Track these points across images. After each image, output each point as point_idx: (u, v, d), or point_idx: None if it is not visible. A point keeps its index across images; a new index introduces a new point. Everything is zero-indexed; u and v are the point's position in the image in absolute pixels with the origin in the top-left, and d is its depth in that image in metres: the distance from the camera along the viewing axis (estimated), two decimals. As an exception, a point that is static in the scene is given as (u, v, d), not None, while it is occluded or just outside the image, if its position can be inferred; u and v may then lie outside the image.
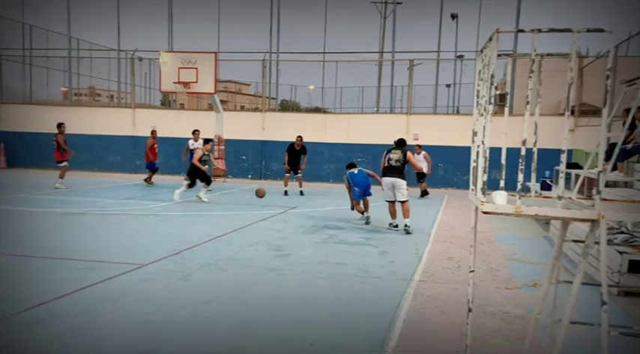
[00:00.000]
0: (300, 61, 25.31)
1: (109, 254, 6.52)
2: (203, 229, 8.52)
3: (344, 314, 4.68)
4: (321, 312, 4.72)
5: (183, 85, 15.99)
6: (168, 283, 5.41)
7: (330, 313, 4.68)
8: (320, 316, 4.61)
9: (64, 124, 14.33)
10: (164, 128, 19.75)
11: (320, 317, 4.59)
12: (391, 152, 9.34)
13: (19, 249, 6.65)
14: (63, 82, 25.53)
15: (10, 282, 5.35)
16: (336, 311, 4.75)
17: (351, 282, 5.75)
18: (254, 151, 19.42)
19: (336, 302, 5.02)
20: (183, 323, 4.29)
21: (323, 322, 4.46)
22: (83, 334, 4.00)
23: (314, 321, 4.49)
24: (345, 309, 4.83)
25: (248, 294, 5.19)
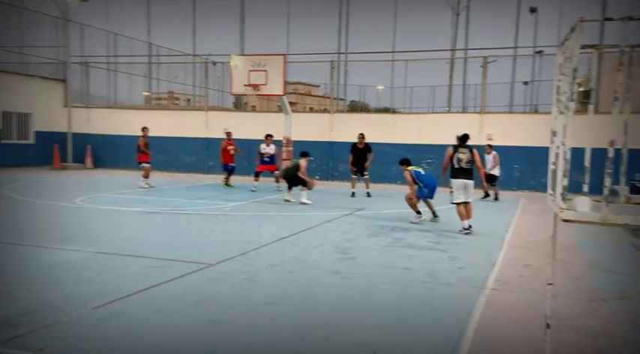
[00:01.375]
0: (368, 61, 25.10)
1: (180, 253, 6.72)
2: (270, 230, 8.60)
3: (410, 321, 4.51)
4: (386, 318, 4.57)
5: (253, 88, 16.31)
6: (235, 283, 5.47)
7: (395, 320, 4.52)
8: (385, 323, 4.46)
9: (147, 128, 15.02)
10: (235, 130, 20.29)
11: (385, 323, 4.44)
12: (459, 152, 8.98)
13: (99, 246, 7.00)
14: (144, 86, 26.98)
15: (90, 278, 5.63)
16: (401, 318, 4.58)
17: (418, 288, 5.55)
18: (321, 152, 19.47)
19: (402, 309, 4.85)
20: (248, 324, 4.30)
21: (388, 329, 4.31)
22: (152, 331, 4.10)
23: (378, 327, 4.35)
24: (411, 316, 4.65)
25: (312, 297, 5.14)
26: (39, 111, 21.86)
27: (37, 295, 4.86)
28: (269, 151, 14.83)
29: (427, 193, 9.83)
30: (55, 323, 4.11)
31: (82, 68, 23.26)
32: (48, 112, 22.20)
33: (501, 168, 14.89)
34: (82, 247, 6.87)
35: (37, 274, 5.68)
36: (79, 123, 22.28)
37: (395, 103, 29.21)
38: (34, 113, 21.70)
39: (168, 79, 28.82)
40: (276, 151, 14.96)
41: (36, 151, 21.62)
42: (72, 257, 6.43)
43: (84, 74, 23.27)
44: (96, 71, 24.24)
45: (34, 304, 4.51)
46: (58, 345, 3.70)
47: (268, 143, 14.81)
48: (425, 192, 9.82)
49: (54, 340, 3.80)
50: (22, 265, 6.01)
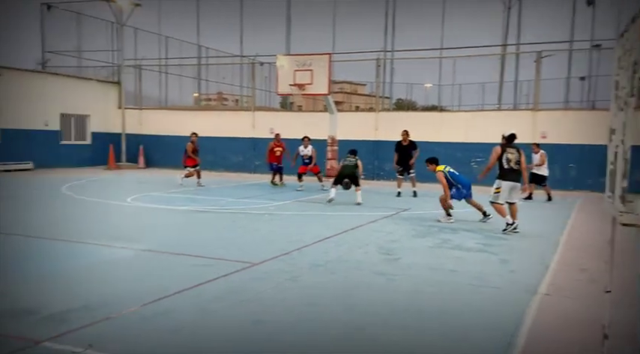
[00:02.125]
0: (415, 59, 24.69)
1: (225, 252, 6.80)
2: (314, 230, 8.58)
3: (456, 326, 4.36)
4: (432, 322, 4.44)
5: (298, 87, 16.38)
6: (278, 283, 5.47)
7: (441, 324, 4.39)
8: (430, 326, 4.34)
9: (196, 134, 15.28)
10: (281, 130, 20.44)
11: (430, 327, 4.31)
12: (508, 152, 8.68)
13: (147, 244, 7.19)
14: (193, 88, 27.65)
15: (138, 276, 5.78)
16: (447, 322, 4.44)
17: (466, 291, 5.37)
18: (367, 152, 19.29)
19: (448, 312, 4.70)
20: (290, 325, 4.28)
21: (433, 333, 4.18)
22: (198, 330, 4.14)
23: (423, 331, 4.23)
24: (457, 320, 4.49)
25: (356, 298, 5.06)
26: (95, 113, 22.81)
27: (87, 291, 5.02)
28: (307, 153, 14.87)
29: (465, 193, 9.64)
30: (104, 319, 4.23)
31: (136, 71, 24.08)
32: (103, 114, 23.13)
33: (556, 167, 14.29)
34: (132, 244, 7.07)
35: (88, 271, 5.88)
36: (132, 124, 23.08)
37: (443, 101, 28.62)
38: (90, 115, 22.66)
39: (217, 80, 29.44)
40: (313, 152, 14.93)
41: (92, 151, 22.57)
42: (122, 255, 6.63)
43: (137, 76, 24.10)
44: (148, 73, 25.04)
45: (85, 301, 4.66)
46: (106, 341, 3.80)
47: (306, 145, 14.87)
48: (464, 192, 9.64)
49: (103, 336, 3.90)
50: (75, 262, 6.24)
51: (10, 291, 4.98)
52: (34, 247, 6.91)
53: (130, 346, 3.72)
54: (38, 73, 21.93)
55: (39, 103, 20.24)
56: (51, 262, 6.14)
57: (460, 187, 9.62)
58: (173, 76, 26.58)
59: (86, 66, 25.49)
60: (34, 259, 6.25)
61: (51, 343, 3.71)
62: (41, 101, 20.34)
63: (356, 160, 12.21)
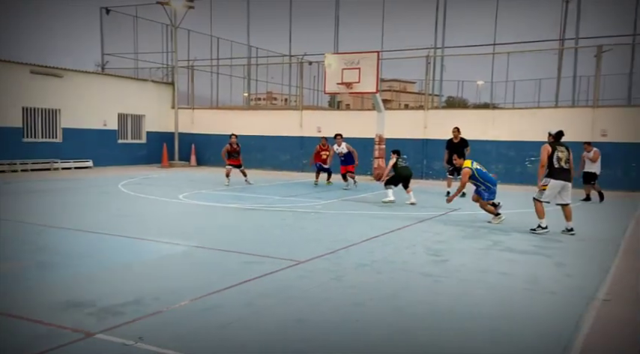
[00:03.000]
0: (467, 55, 24.08)
1: (272, 249, 6.85)
2: (360, 229, 8.52)
3: (507, 331, 4.20)
4: (480, 326, 4.30)
5: (346, 86, 16.31)
6: (323, 282, 5.46)
7: (490, 329, 4.24)
8: (479, 331, 4.20)
9: (234, 135, 15.33)
10: (329, 129, 20.44)
11: (479, 332, 4.17)
12: (558, 150, 8.31)
13: (198, 240, 7.35)
14: (243, 87, 28.12)
15: (189, 271, 5.92)
16: (497, 327, 4.28)
17: (518, 296, 5.17)
18: (415, 150, 19.01)
19: (499, 317, 4.53)
20: (335, 325, 4.25)
21: (482, 338, 4.05)
22: (244, 326, 4.19)
23: (471, 335, 4.10)
24: (508, 325, 4.33)
25: (402, 299, 4.98)
26: (150, 113, 23.62)
27: (140, 285, 5.19)
28: (342, 151, 14.56)
29: (495, 192, 9.37)
30: (155, 313, 4.35)
31: (188, 71, 24.76)
32: (158, 114, 23.92)
33: (617, 167, 13.57)
34: (183, 241, 7.25)
35: (141, 266, 6.08)
36: (185, 123, 23.74)
37: (496, 99, 27.78)
38: (146, 115, 23.49)
39: (266, 80, 29.80)
40: (348, 149, 14.56)
41: (147, 150, 23.39)
42: (174, 250, 6.81)
43: (189, 77, 24.77)
44: (200, 74, 25.69)
45: (137, 295, 4.81)
46: (156, 334, 3.90)
47: (339, 143, 14.55)
48: (494, 192, 9.36)
49: (153, 329, 4.01)
50: (129, 257, 6.47)
51: (69, 284, 5.22)
52: (91, 242, 7.21)
53: (179, 340, 3.80)
54: (97, 74, 22.95)
55: (98, 104, 21.17)
56: (106, 257, 6.39)
57: (491, 186, 9.34)
58: (224, 76, 27.14)
59: (142, 67, 26.43)
60: (90, 254, 6.52)
61: (104, 335, 3.84)
62: (100, 102, 21.26)
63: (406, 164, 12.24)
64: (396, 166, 11.92)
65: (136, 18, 26.04)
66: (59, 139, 19.95)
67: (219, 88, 27.23)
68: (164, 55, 26.43)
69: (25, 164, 18.18)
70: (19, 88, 18.35)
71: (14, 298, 4.68)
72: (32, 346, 3.61)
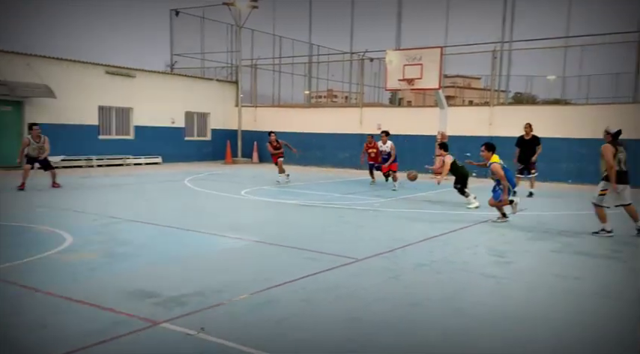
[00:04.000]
0: (537, 49, 23.02)
1: (329, 246, 6.89)
2: (419, 228, 8.39)
3: (576, 340, 4.00)
4: (545, 333, 4.11)
5: (407, 83, 16.08)
6: (380, 280, 5.42)
7: (556, 336, 4.04)
8: (543, 337, 4.02)
9: (272, 133, 15.33)
10: (390, 126, 20.23)
11: (543, 338, 4.00)
12: (619, 151, 7.78)
13: (258, 235, 7.51)
14: (304, 85, 28.40)
15: (249, 265, 6.06)
16: (565, 334, 4.09)
17: (590, 302, 4.90)
18: (478, 148, 18.44)
19: (567, 323, 4.32)
20: (391, 324, 4.21)
21: (546, 345, 3.87)
22: (300, 322, 4.24)
23: (535, 341, 3.93)
24: (578, 333, 4.12)
25: (461, 301, 4.85)
26: (215, 111, 24.38)
27: (203, 278, 5.37)
28: (386, 149, 13.95)
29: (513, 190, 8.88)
30: (216, 305, 4.49)
31: (251, 70, 25.33)
32: (222, 112, 24.65)
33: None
34: (244, 235, 7.44)
35: (204, 259, 6.30)
36: (248, 121, 24.32)
37: (567, 94, 26.38)
38: (211, 113, 24.27)
39: (327, 78, 29.93)
40: (391, 148, 13.90)
41: (212, 147, 24.17)
42: (235, 245, 7.00)
43: (252, 76, 25.33)
44: (262, 72, 26.20)
45: (200, 286, 4.99)
46: (217, 326, 4.03)
47: (384, 141, 13.99)
48: (512, 191, 8.83)
49: (214, 321, 4.14)
50: (193, 250, 6.72)
51: (137, 274, 5.49)
52: (158, 235, 7.55)
53: (238, 333, 3.91)
54: (166, 74, 23.97)
55: (167, 102, 22.11)
56: (172, 249, 6.67)
57: (511, 188, 8.83)
58: (285, 74, 27.53)
59: (208, 67, 27.31)
60: (157, 246, 6.83)
61: (168, 324, 4.02)
62: (169, 100, 22.19)
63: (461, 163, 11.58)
64: (455, 164, 11.23)
65: (202, 19, 26.92)
66: (131, 137, 21.02)
67: (280, 86, 27.66)
68: (228, 54, 27.16)
69: (100, 160, 19.31)
70: (95, 88, 19.50)
71: (89, 286, 4.98)
72: (105, 332, 3.84)
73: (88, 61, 19.55)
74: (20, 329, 3.84)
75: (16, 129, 17.46)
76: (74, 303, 4.44)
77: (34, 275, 5.22)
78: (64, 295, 4.61)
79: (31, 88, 17.29)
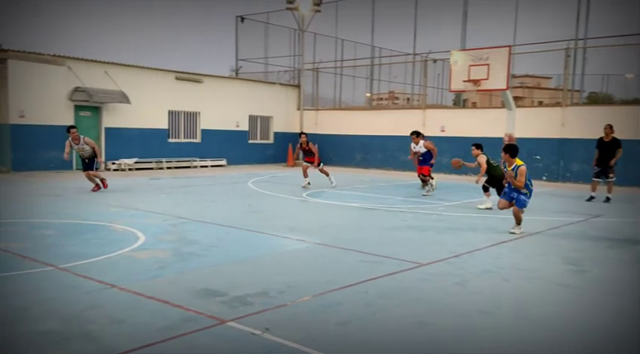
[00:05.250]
0: (613, 46, 21.70)
1: (392, 250, 6.80)
2: (486, 233, 8.11)
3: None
4: (627, 345, 3.84)
5: (473, 83, 15.62)
6: (445, 286, 5.29)
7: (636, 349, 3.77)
8: (625, 351, 3.75)
9: (303, 134, 14.63)
10: (453, 128, 19.79)
11: (624, 352, 3.74)
12: None
13: (320, 238, 7.55)
14: (366, 88, 28.32)
15: (311, 267, 6.11)
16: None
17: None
18: (550, 151, 17.63)
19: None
20: (457, 331, 4.09)
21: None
22: (365, 325, 4.21)
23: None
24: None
25: (532, 310, 4.63)
26: (277, 114, 24.81)
27: (267, 278, 5.45)
28: (419, 150, 13.09)
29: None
30: (280, 306, 4.55)
31: (313, 74, 25.57)
32: (284, 115, 25.05)
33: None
34: (306, 237, 7.50)
35: (268, 259, 6.40)
36: (309, 124, 24.56)
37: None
38: (273, 116, 24.72)
39: (389, 80, 29.68)
40: (427, 147, 13.02)
41: (274, 149, 24.61)
42: (297, 246, 7.07)
43: (314, 79, 25.57)
44: (324, 75, 26.38)
45: (264, 287, 5.08)
46: (281, 326, 4.08)
47: (416, 141, 13.12)
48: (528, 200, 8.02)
49: (278, 321, 4.20)
50: (256, 250, 6.85)
51: (203, 273, 5.66)
52: (223, 235, 7.76)
53: (301, 334, 3.93)
54: (232, 79, 24.67)
55: (232, 106, 22.76)
56: (236, 249, 6.84)
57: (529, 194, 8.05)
58: (347, 77, 27.57)
59: (271, 71, 27.87)
60: (222, 246, 7.02)
61: (234, 323, 4.11)
62: (233, 104, 22.83)
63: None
64: (490, 164, 10.44)
65: (267, 24, 27.52)
66: (198, 140, 21.80)
67: (342, 89, 27.73)
68: (291, 58, 27.58)
69: (169, 162, 20.16)
70: (165, 93, 20.40)
71: (159, 283, 5.20)
72: (176, 328, 3.98)
73: (159, 67, 20.49)
74: (99, 323, 4.06)
75: (94, 133, 18.58)
76: (146, 299, 4.65)
77: (112, 271, 5.51)
78: (138, 291, 4.84)
79: (108, 94, 18.34)
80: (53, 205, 10.18)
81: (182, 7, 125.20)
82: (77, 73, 17.66)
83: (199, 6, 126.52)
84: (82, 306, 4.41)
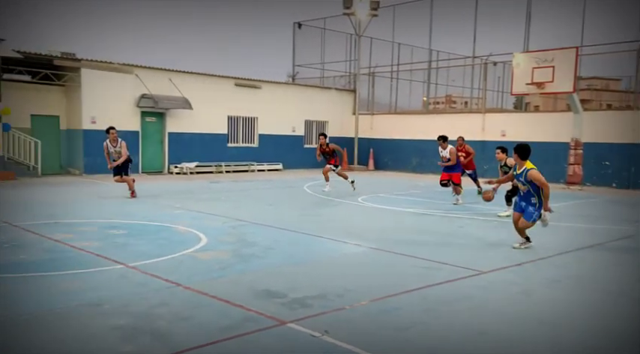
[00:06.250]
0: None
1: (449, 257, 6.68)
2: (552, 241, 7.79)
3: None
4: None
5: (536, 86, 15.10)
6: (508, 295, 5.14)
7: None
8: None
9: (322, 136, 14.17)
10: (514, 132, 19.14)
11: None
12: None
13: (376, 243, 7.52)
14: (422, 92, 27.97)
15: (368, 272, 6.10)
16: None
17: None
18: (620, 156, 16.70)
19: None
20: (523, 342, 3.97)
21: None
22: (424, 331, 4.17)
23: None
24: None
25: (602, 322, 4.42)
26: (333, 119, 24.95)
27: (324, 281, 5.51)
28: (445, 155, 12.41)
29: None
30: (338, 309, 4.59)
31: (369, 78, 25.54)
32: (340, 120, 25.14)
33: None
34: (362, 242, 7.50)
35: (324, 263, 6.45)
36: (364, 128, 24.53)
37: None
38: (329, 121, 24.87)
39: (446, 83, 29.17)
40: (451, 151, 12.32)
41: (330, 154, 24.70)
42: (354, 250, 7.09)
43: (370, 83, 25.53)
44: (380, 80, 26.28)
45: (322, 290, 5.13)
46: (340, 329, 4.10)
47: (444, 146, 12.45)
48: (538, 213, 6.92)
49: (337, 324, 4.23)
50: (313, 253, 6.92)
51: (263, 274, 5.79)
52: (281, 237, 7.89)
53: (360, 338, 3.95)
54: (288, 84, 25.06)
55: (288, 112, 23.10)
56: (294, 252, 6.93)
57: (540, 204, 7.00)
58: (403, 81, 27.33)
59: (327, 76, 28.07)
60: (281, 249, 7.14)
61: (294, 324, 4.18)
62: (290, 110, 23.17)
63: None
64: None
65: (323, 30, 27.77)
66: (256, 144, 22.28)
67: (398, 93, 27.51)
68: (347, 63, 27.67)
69: (228, 166, 20.72)
70: (225, 99, 21.01)
71: (221, 283, 5.37)
72: (237, 328, 4.10)
73: (220, 74, 21.13)
74: (166, 320, 4.24)
75: (158, 138, 19.42)
76: (209, 298, 4.81)
77: (177, 271, 5.74)
78: (201, 290, 5.02)
79: (172, 100, 19.11)
80: (120, 206, 10.72)
81: (242, 16, 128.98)
82: (144, 80, 18.52)
83: (258, 14, 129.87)
84: (150, 303, 4.63)
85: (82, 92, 17.37)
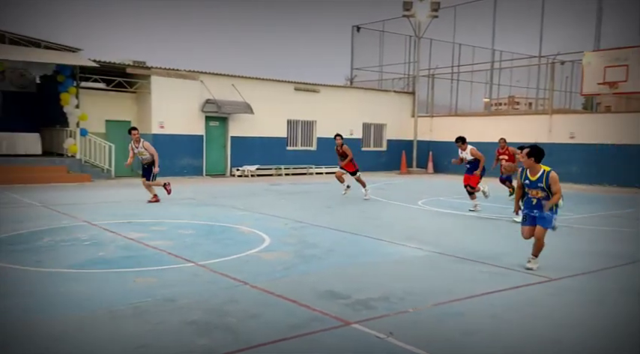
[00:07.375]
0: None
1: (515, 262, 6.49)
2: (624, 248, 7.42)
3: None
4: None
5: (609, 86, 14.40)
6: (580, 303, 4.97)
7: None
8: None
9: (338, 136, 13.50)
10: (584, 134, 18.31)
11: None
12: None
13: (437, 246, 7.45)
14: (484, 93, 27.29)
15: (431, 276, 6.06)
16: None
17: None
18: None
19: None
20: (602, 351, 3.84)
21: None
22: (490, 337, 4.12)
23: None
24: None
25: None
26: (391, 121, 24.81)
27: (387, 284, 5.52)
28: (466, 157, 11.57)
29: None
30: (401, 312, 4.60)
31: (429, 80, 25.20)
32: (398, 122, 24.96)
33: None
34: (423, 245, 7.45)
35: (386, 265, 6.46)
36: (423, 131, 24.22)
37: None
38: (387, 124, 24.76)
39: (510, 84, 28.29)
40: (472, 152, 11.43)
41: (387, 157, 24.61)
42: (415, 254, 7.05)
43: (429, 85, 25.19)
44: (439, 81, 25.87)
45: (385, 292, 5.15)
46: (404, 332, 4.12)
47: (463, 148, 11.56)
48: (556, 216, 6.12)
49: (401, 327, 4.25)
50: (374, 256, 6.94)
51: (326, 275, 5.88)
52: (342, 239, 7.97)
53: (424, 341, 3.95)
54: (346, 88, 25.17)
55: (346, 115, 23.19)
56: (355, 254, 6.99)
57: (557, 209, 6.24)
58: (464, 82, 26.78)
59: (385, 79, 27.97)
60: (342, 250, 7.21)
61: (359, 325, 4.24)
62: (348, 113, 23.25)
63: None
64: None
65: (382, 32, 27.71)
66: (314, 148, 22.52)
67: (458, 94, 26.98)
68: (406, 65, 27.46)
69: (287, 169, 21.09)
70: (284, 103, 21.40)
71: (285, 283, 5.51)
72: (304, 326, 4.22)
73: (279, 79, 21.56)
74: (236, 316, 4.42)
75: (221, 142, 20.07)
76: (275, 297, 4.96)
77: (243, 270, 5.95)
78: (267, 289, 5.18)
79: (234, 105, 19.70)
80: (188, 208, 11.19)
81: (301, 21, 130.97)
82: (208, 86, 19.22)
83: (317, 18, 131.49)
84: (221, 300, 4.84)
85: (151, 98, 18.26)
